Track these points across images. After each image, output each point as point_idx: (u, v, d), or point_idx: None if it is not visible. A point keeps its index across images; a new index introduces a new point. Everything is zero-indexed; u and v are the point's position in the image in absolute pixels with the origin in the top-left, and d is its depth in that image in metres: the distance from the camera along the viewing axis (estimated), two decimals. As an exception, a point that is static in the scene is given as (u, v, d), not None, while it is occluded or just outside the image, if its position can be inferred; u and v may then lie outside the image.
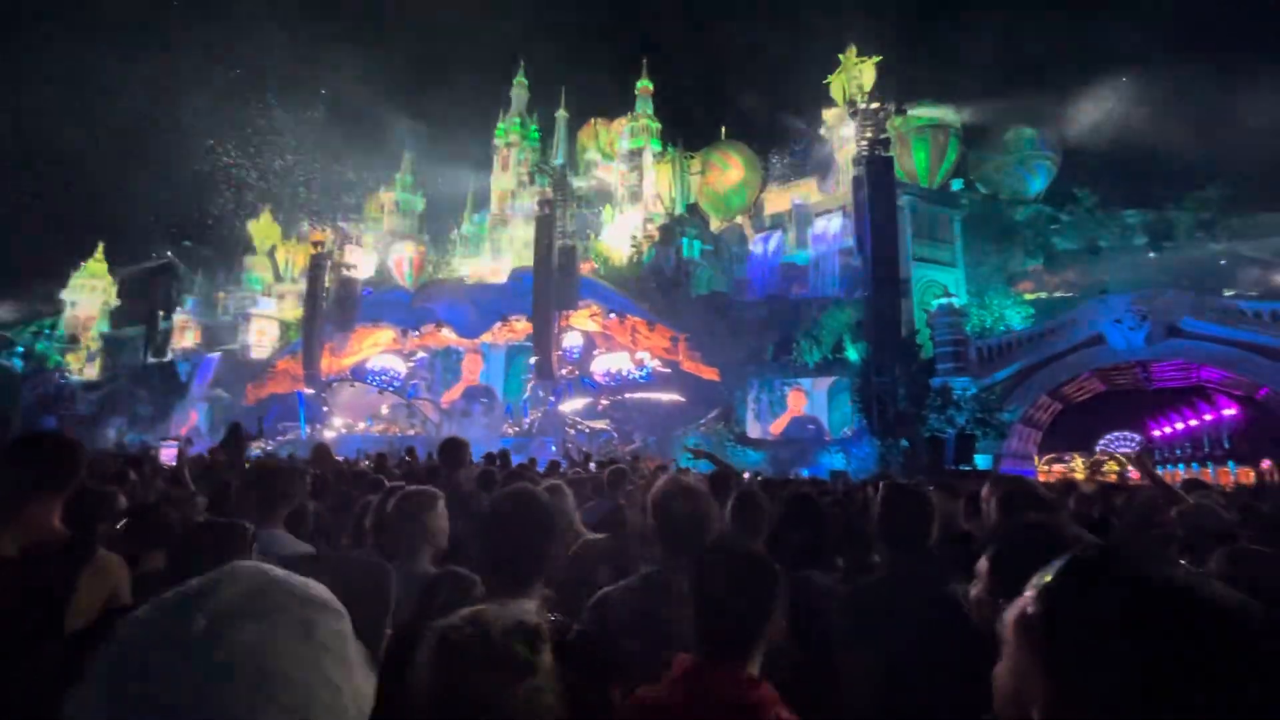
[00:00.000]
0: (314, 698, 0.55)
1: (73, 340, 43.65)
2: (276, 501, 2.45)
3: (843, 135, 33.96)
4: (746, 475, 7.93)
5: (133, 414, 33.34)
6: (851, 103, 32.38)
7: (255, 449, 15.30)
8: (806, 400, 26.39)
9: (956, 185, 32.47)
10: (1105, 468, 27.99)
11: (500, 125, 49.13)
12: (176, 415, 32.35)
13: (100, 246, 46.91)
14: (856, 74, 34.42)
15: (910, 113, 32.47)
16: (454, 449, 4.26)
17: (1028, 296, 29.06)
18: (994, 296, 28.74)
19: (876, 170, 23.57)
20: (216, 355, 36.77)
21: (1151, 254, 28.30)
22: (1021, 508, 2.17)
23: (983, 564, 1.02)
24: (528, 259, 29.91)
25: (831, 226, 31.55)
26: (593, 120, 45.91)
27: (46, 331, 44.79)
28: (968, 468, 17.67)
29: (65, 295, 45.45)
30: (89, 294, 45.59)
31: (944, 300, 23.98)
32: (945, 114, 33.17)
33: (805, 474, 17.51)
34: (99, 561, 1.88)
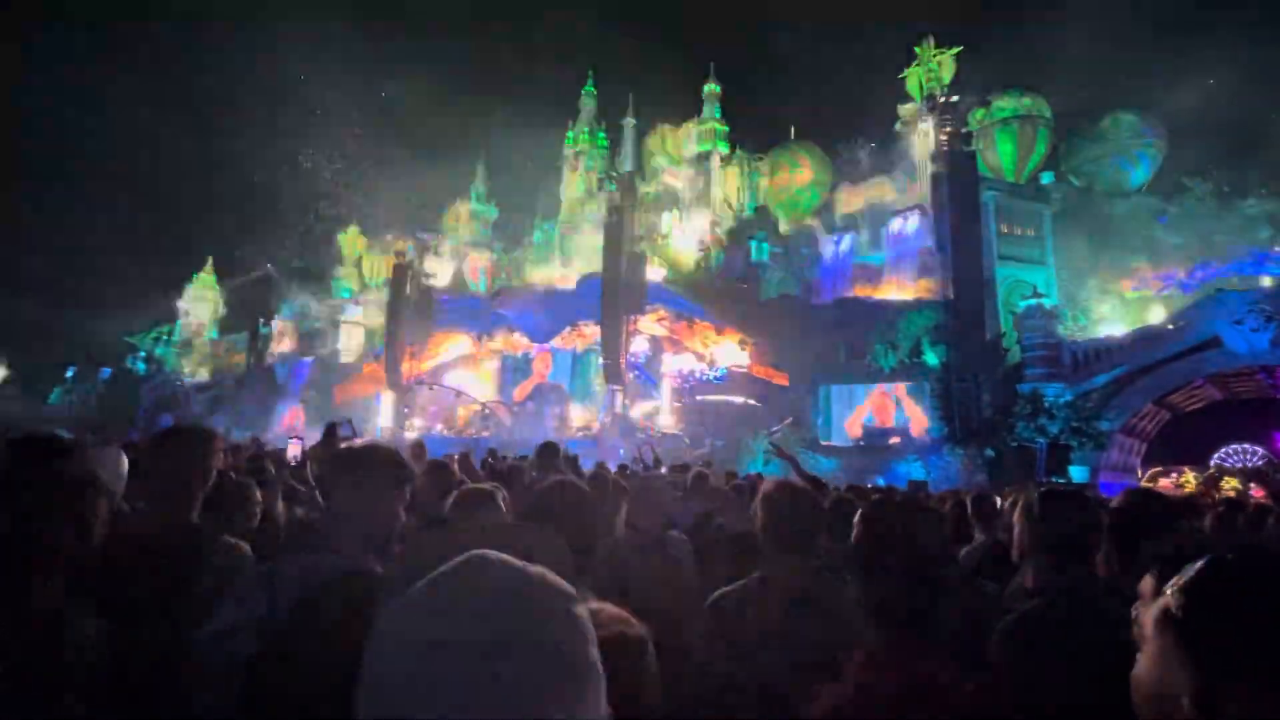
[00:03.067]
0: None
1: (186, 345, 47.86)
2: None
3: (920, 131, 32.62)
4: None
5: (238, 413, 36.13)
6: (930, 97, 31.13)
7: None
8: (883, 406, 25.41)
9: (1047, 179, 30.47)
10: (1222, 483, 25.47)
11: (569, 134, 50.24)
12: (277, 415, 34.80)
13: (210, 259, 51.26)
14: (935, 66, 33.00)
15: (995, 104, 30.85)
16: (548, 453, 4.43)
17: (1129, 296, 26.90)
18: (1091, 297, 26.75)
19: (957, 166, 22.55)
20: (310, 359, 39.34)
21: (1277, 248, 25.58)
22: (1157, 524, 2.00)
23: (1147, 583, 0.96)
24: (597, 265, 30.38)
25: (908, 226, 30.34)
26: (660, 125, 46.14)
27: (164, 337, 49.33)
28: (1062, 480, 16.55)
29: (181, 304, 49.91)
30: (200, 303, 49.87)
31: (1033, 301, 22.56)
32: (1034, 103, 31.25)
33: (881, 483, 16.90)
34: (223, 547, 2.02)
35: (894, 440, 23.14)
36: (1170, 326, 21.31)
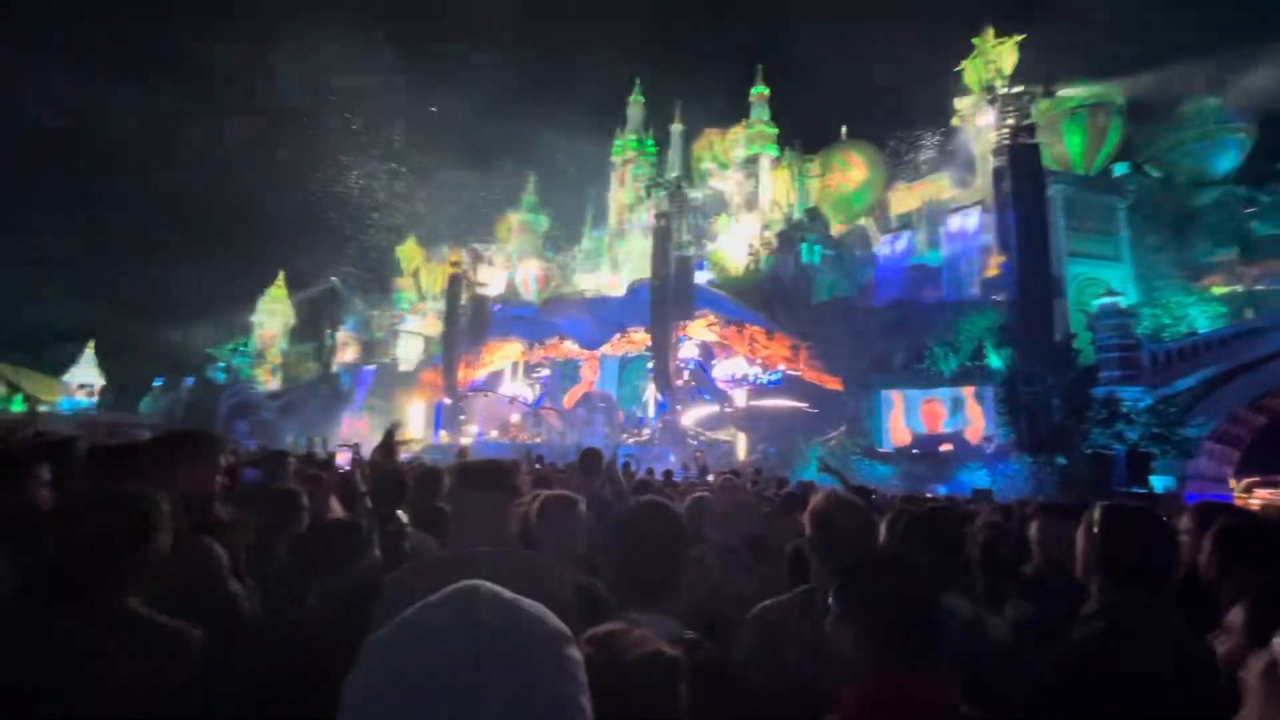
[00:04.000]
0: None
1: (260, 356, 50.73)
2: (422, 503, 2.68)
3: (979, 125, 31.35)
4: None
5: (306, 420, 37.96)
6: (990, 88, 29.86)
7: (408, 454, 16.76)
8: (931, 412, 24.38)
9: (1120, 169, 28.71)
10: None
11: (617, 142, 50.73)
12: (344, 421, 36.38)
13: (281, 274, 54.22)
14: (995, 57, 31.67)
15: (1061, 93, 29.32)
16: (591, 459, 4.44)
17: (1217, 291, 24.99)
18: (1171, 293, 24.99)
19: (1021, 160, 21.54)
20: (372, 368, 40.98)
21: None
22: (1250, 548, 1.82)
23: (1237, 616, 0.88)
24: (646, 271, 30.48)
25: (968, 223, 29.16)
26: (707, 130, 46.03)
27: (240, 349, 52.48)
28: (1143, 490, 15.48)
29: (254, 317, 52.99)
30: (272, 316, 52.81)
31: (1107, 299, 21.24)
32: (1105, 91, 29.53)
33: (942, 492, 16.21)
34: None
35: (945, 447, 22.21)
36: (1266, 324, 19.66)
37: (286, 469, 3.62)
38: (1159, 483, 17.55)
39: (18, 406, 46.80)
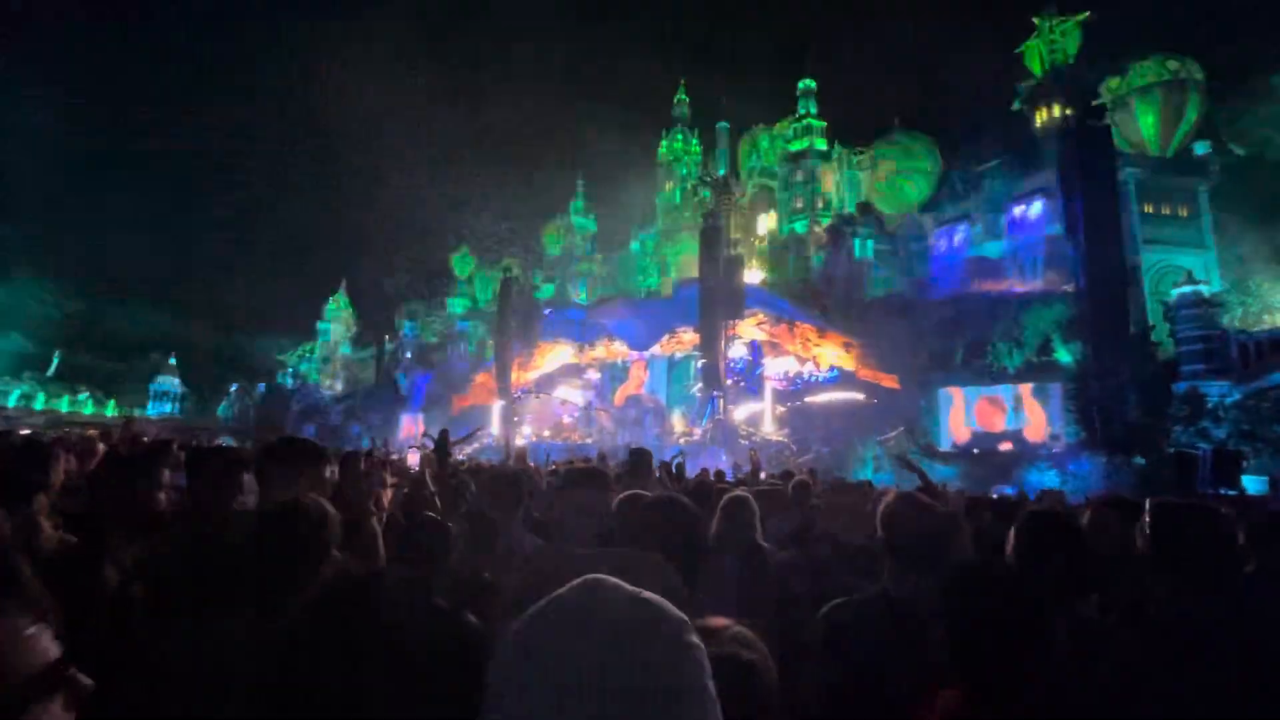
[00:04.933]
0: (713, 708, 0.59)
1: (325, 361, 53.18)
2: (517, 502, 2.80)
3: (1043, 108, 29.91)
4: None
5: (367, 423, 39.53)
6: (1054, 69, 28.49)
7: (462, 455, 17.30)
8: (987, 410, 23.36)
9: (1201, 149, 26.87)
10: None
11: (663, 143, 50.81)
12: (402, 423, 37.72)
13: (344, 283, 56.72)
14: (1058, 37, 30.15)
15: (1133, 70, 27.70)
16: (641, 459, 4.50)
17: (1314, 277, 23.14)
18: (1261, 280, 23.24)
19: (1090, 142, 20.48)
20: (429, 372, 42.36)
21: None
22: None
23: None
24: (694, 271, 30.40)
25: (1031, 212, 27.85)
26: (756, 126, 45.53)
27: (308, 355, 55.16)
28: (1232, 492, 14.44)
29: (320, 324, 55.63)
30: (336, 323, 55.34)
31: (1187, 288, 19.93)
32: (1181, 66, 27.69)
33: (1009, 492, 15.56)
34: None
35: (1005, 446, 21.27)
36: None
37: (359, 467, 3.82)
38: (1252, 483, 16.34)
39: (111, 411, 50.57)
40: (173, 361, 55.02)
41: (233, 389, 53.36)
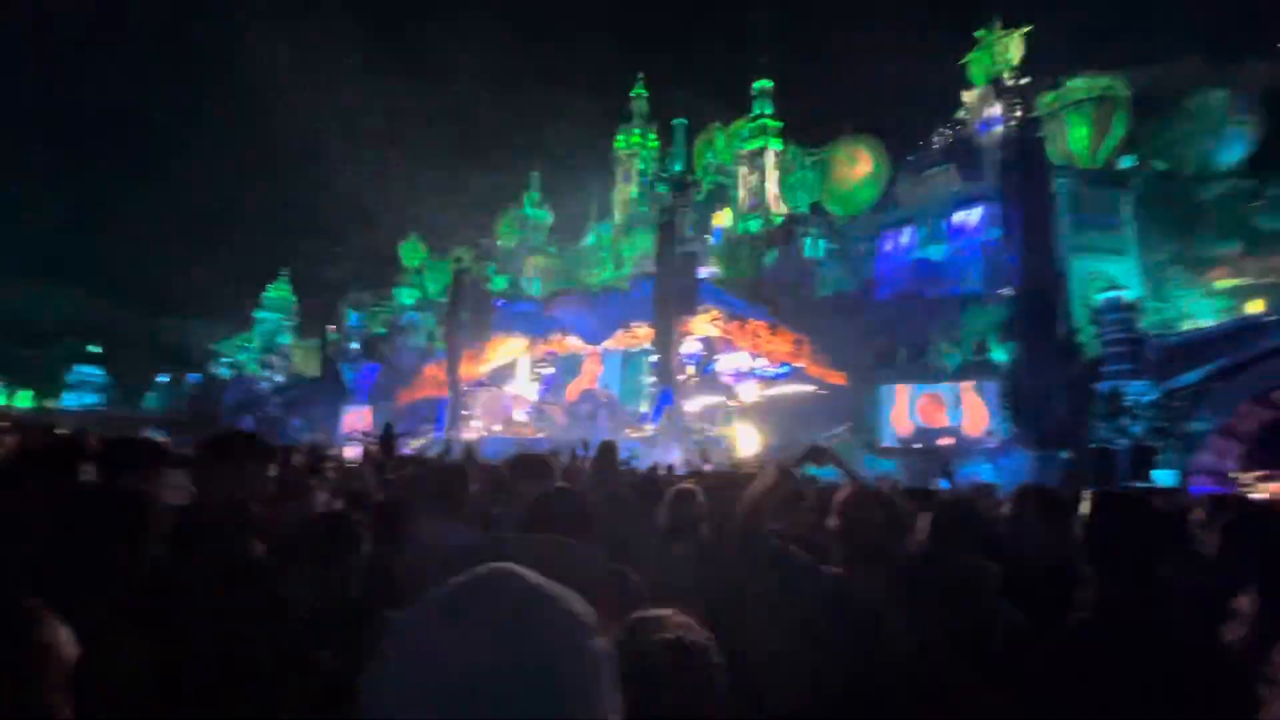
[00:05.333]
0: (605, 715, 0.55)
1: (265, 351, 50.94)
2: (450, 496, 2.72)
3: (984, 117, 31.20)
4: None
5: (308, 415, 38.09)
6: (996, 80, 29.72)
7: (408, 448, 16.88)
8: (929, 406, 24.38)
9: (1126, 163, 28.54)
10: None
11: (620, 136, 50.67)
12: (346, 417, 36.51)
13: (285, 271, 54.40)
14: (1000, 49, 31.48)
15: (1066, 85, 29.15)
16: (608, 451, 4.44)
17: (1221, 285, 24.89)
18: (1176, 287, 24.90)
19: (1026, 153, 21.47)
20: (375, 364, 41.10)
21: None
22: (1257, 537, 1.83)
23: (1247, 604, 0.89)
24: (650, 266, 30.47)
25: (972, 218, 29.06)
26: (711, 124, 45.90)
27: (245, 344, 52.68)
28: (1144, 485, 15.47)
29: (258, 313, 53.18)
30: (276, 311, 53.03)
31: (1111, 294, 21.19)
32: (1110, 83, 29.32)
33: (945, 486, 16.22)
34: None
35: (945, 441, 22.24)
36: (1271, 318, 19.59)
37: (292, 463, 3.65)
38: (1162, 477, 17.54)
39: (25, 402, 47.11)
40: (94, 349, 51.55)
41: (162, 379, 50.52)
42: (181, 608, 1.53)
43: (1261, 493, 22.19)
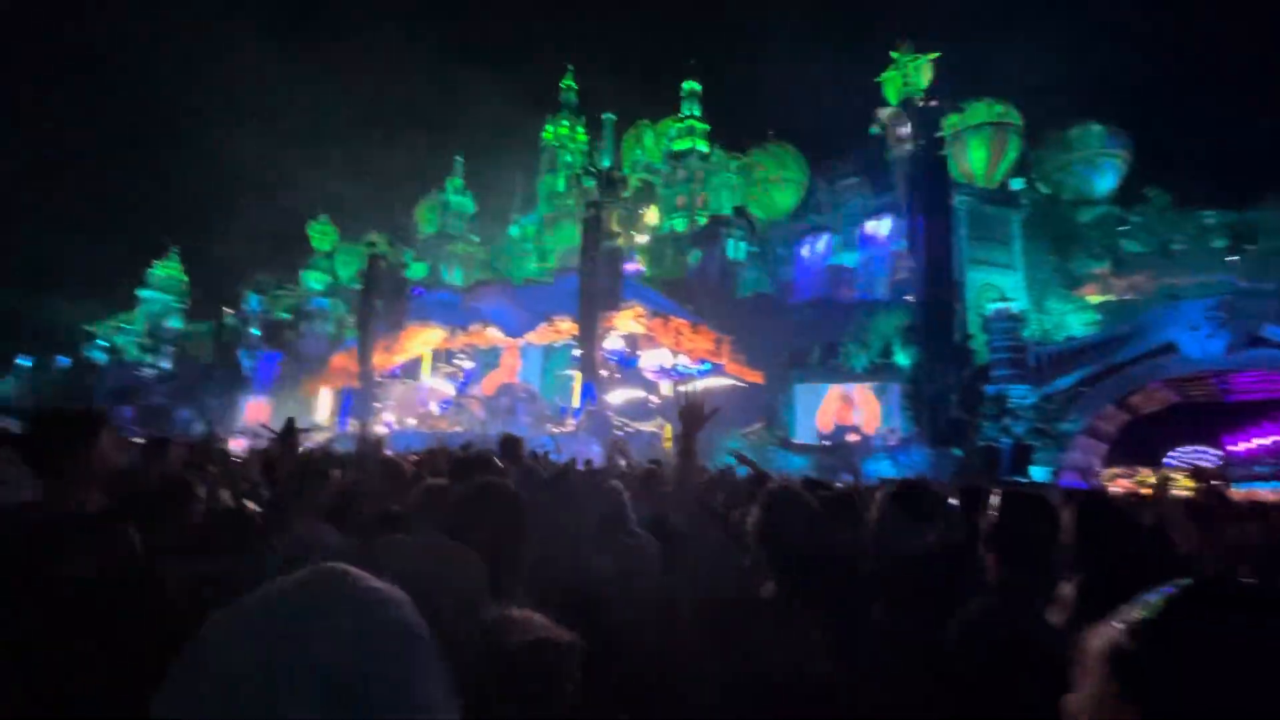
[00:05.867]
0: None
1: (149, 335, 46.44)
2: (316, 495, 2.57)
3: (896, 134, 33.05)
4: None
5: (200, 406, 35.18)
6: (906, 101, 31.56)
7: (312, 442, 15.87)
8: (840, 405, 25.74)
9: (1017, 185, 31.16)
10: (1178, 483, 26.32)
11: (549, 128, 49.92)
12: (245, 407, 33.99)
13: (175, 248, 49.81)
14: (911, 71, 33.47)
15: (968, 110, 31.43)
16: (513, 445, 4.35)
17: (1092, 300, 27.68)
18: (1055, 301, 27.45)
19: (930, 170, 22.91)
20: (278, 352, 38.46)
21: (1232, 257, 26.53)
22: (1103, 527, 2.02)
23: (1068, 589, 0.96)
24: (574, 259, 30.23)
25: (882, 228, 30.78)
26: (640, 122, 46.10)
27: (125, 326, 47.79)
28: (1023, 479, 16.96)
29: (143, 292, 48.40)
30: (164, 291, 48.44)
31: (1000, 304, 23.07)
32: (1005, 111, 31.90)
33: (848, 479, 17.11)
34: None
35: (852, 438, 23.51)
36: (1130, 331, 21.96)
37: (170, 456, 3.34)
38: (1038, 473, 19.28)
39: None
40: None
41: (23, 362, 45.09)
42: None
43: (1118, 487, 24.91)
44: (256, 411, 33.31)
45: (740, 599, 2.00)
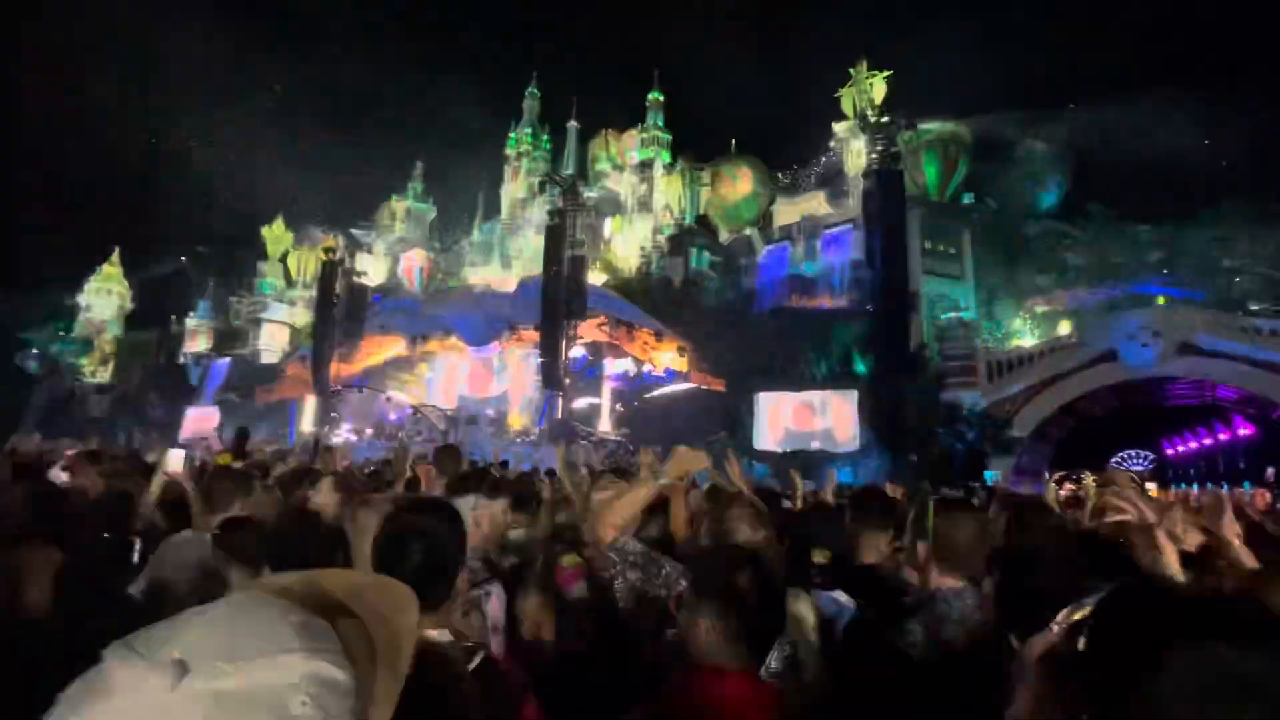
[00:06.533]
0: None
1: (87, 343, 44.14)
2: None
3: (853, 148, 33.95)
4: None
5: (144, 417, 33.62)
6: (862, 116, 32.48)
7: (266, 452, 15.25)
8: (803, 413, 26.15)
9: (967, 199, 32.35)
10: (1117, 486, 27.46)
11: (512, 135, 49.64)
12: (188, 418, 32.59)
13: (116, 251, 47.53)
14: (867, 88, 34.50)
15: (921, 126, 32.51)
16: (449, 456, 4.23)
17: (1039, 310, 28.84)
18: (1005, 311, 28.50)
19: (886, 184, 23.51)
20: (227, 360, 37.06)
21: (1165, 270, 28.04)
22: (1033, 527, 2.08)
23: (988, 587, 0.98)
24: (537, 268, 30.02)
25: (841, 239, 31.51)
26: (604, 131, 46.23)
27: (62, 334, 45.33)
28: (975, 484, 17.45)
29: (81, 299, 46.00)
30: (104, 297, 46.13)
31: (953, 314, 23.83)
32: (955, 129, 33.13)
33: (811, 487, 17.33)
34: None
35: (814, 445, 23.89)
36: (1074, 341, 22.92)
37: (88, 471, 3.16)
38: (990, 477, 19.90)
39: None
40: None
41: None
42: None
43: (1063, 491, 25.69)
44: (201, 422, 31.97)
45: None
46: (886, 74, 34.83)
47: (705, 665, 1.35)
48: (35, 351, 44.27)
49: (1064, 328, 26.11)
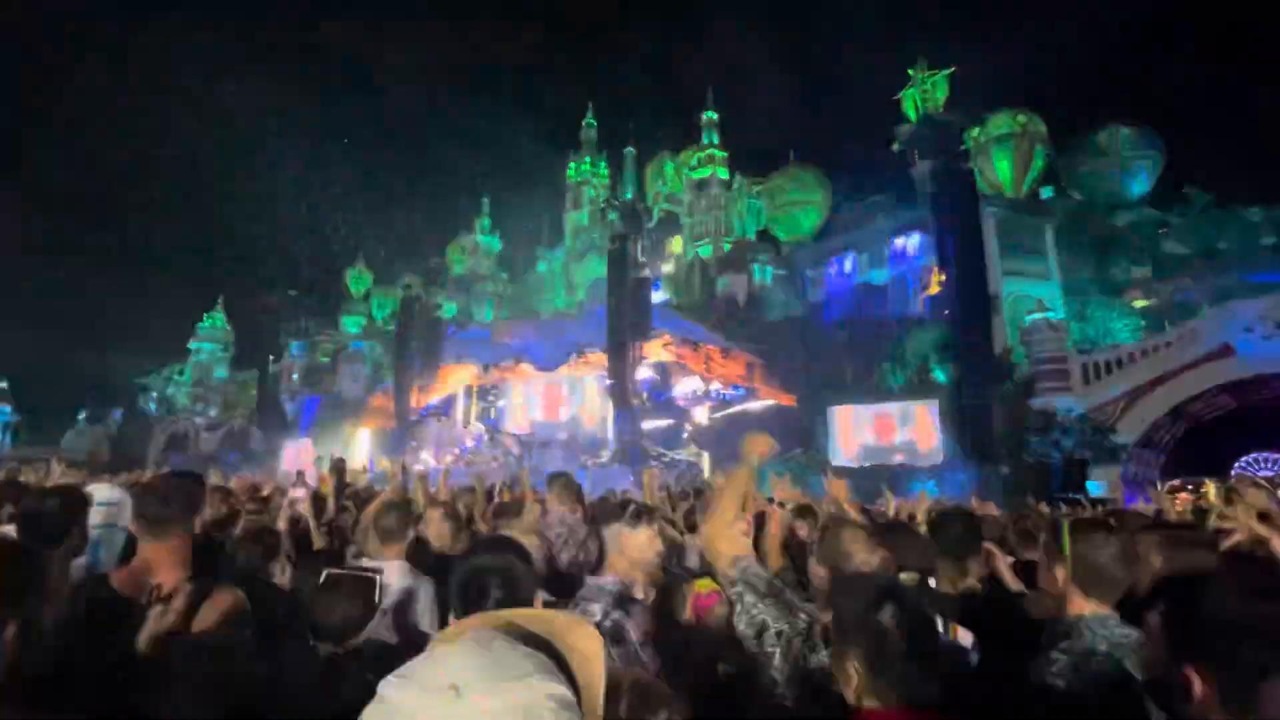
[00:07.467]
0: None
1: (198, 384, 48.26)
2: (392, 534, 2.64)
3: (918, 151, 32.89)
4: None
5: (247, 451, 36.21)
6: (925, 117, 31.49)
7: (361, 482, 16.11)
8: (883, 425, 25.12)
9: (1047, 193, 30.58)
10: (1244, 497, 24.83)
11: (571, 165, 51.14)
12: (287, 451, 34.85)
13: (220, 299, 51.96)
14: (929, 87, 33.44)
15: (989, 121, 31.17)
16: (562, 484, 4.26)
17: (1137, 306, 26.75)
18: (1096, 308, 26.61)
19: (955, 184, 22.70)
20: (318, 396, 39.55)
21: (1282, 254, 25.47)
22: (1192, 549, 1.94)
23: (1155, 620, 0.96)
24: (602, 293, 30.56)
25: (910, 244, 30.44)
26: (661, 153, 46.89)
27: (175, 377, 49.79)
28: (1078, 496, 16.24)
29: (192, 344, 50.47)
30: (211, 342, 50.43)
31: (1038, 315, 22.46)
32: (1028, 120, 31.52)
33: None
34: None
35: (897, 459, 22.89)
36: (1180, 336, 21.11)
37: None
38: (1094, 488, 18.47)
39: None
40: (1, 384, 47.65)
41: (81, 416, 47.18)
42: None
43: (1178, 502, 23.56)
44: (298, 454, 34.12)
45: None
46: (948, 71, 33.67)
47: (863, 711, 1.29)
48: (155, 395, 48.80)
49: (1166, 324, 24.13)
